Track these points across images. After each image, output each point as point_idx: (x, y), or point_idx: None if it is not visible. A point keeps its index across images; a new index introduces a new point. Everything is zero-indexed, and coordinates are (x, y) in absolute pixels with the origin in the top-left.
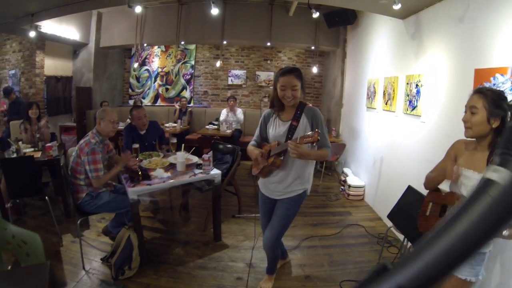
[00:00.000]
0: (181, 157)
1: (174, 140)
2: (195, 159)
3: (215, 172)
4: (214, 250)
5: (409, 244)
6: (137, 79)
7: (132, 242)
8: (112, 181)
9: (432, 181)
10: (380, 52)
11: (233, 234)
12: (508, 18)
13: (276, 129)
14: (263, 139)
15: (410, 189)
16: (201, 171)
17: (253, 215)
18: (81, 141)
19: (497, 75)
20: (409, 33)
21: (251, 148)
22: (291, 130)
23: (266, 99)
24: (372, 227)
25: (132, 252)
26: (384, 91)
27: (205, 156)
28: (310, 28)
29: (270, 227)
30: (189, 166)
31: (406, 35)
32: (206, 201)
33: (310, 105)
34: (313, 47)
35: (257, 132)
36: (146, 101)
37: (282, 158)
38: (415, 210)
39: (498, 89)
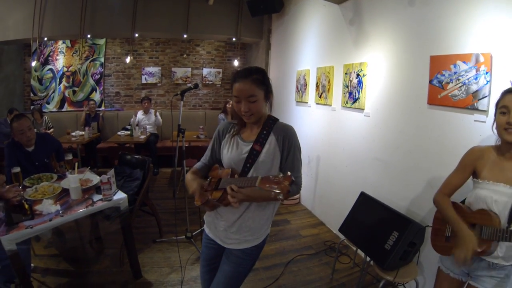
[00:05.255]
0: (74, 181)
1: (70, 157)
2: (96, 179)
3: (120, 196)
4: None
5: (368, 258)
6: (40, 80)
7: None
8: None
9: (446, 208)
10: (311, 40)
11: (156, 266)
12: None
13: (233, 150)
14: (215, 161)
15: (363, 196)
16: (101, 197)
17: (175, 237)
18: None
19: (459, 62)
20: (346, 19)
21: (190, 178)
22: (252, 157)
23: (178, 95)
24: (315, 235)
25: None
26: (317, 83)
27: (104, 178)
28: (232, 18)
29: None
30: (88, 191)
31: (343, 21)
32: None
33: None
34: (234, 39)
35: (207, 151)
36: (51, 107)
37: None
38: (372, 220)
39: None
